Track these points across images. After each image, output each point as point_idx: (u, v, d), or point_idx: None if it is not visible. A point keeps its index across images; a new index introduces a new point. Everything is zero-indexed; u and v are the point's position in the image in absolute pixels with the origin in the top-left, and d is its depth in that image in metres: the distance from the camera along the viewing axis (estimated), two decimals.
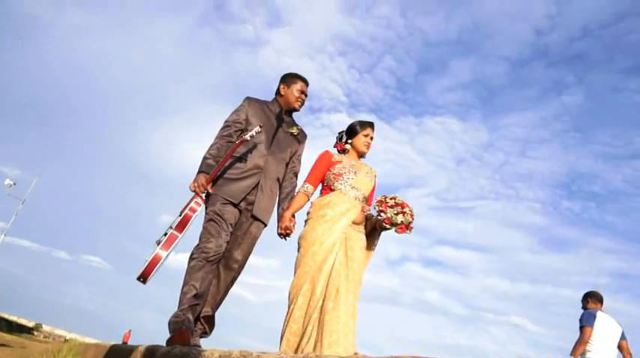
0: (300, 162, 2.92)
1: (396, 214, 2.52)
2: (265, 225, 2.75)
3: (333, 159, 2.75)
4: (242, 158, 2.66)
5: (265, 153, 2.69)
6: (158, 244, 2.52)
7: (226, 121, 2.75)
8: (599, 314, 4.03)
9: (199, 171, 2.61)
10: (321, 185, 2.79)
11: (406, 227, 2.52)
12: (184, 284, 2.47)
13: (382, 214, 2.54)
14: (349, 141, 2.83)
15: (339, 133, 2.91)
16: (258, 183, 2.65)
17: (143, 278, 2.40)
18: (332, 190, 2.69)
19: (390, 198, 2.57)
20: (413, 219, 2.54)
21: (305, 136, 2.95)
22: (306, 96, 2.88)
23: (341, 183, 2.67)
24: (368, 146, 2.81)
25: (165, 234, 2.52)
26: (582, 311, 4.17)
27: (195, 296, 2.44)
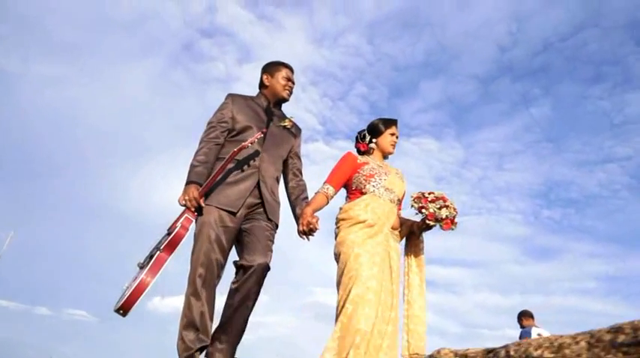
0: (300, 158, 2.61)
1: (439, 209, 2.34)
2: (277, 226, 2.42)
3: (358, 161, 2.53)
4: (234, 159, 2.33)
5: (259, 151, 2.39)
6: (141, 268, 2.15)
7: (210, 122, 2.44)
8: (533, 330, 4.70)
9: (188, 182, 2.28)
10: (345, 190, 2.55)
11: (451, 221, 2.34)
12: (183, 326, 2.14)
13: (424, 211, 2.34)
14: (373, 140, 2.61)
15: (360, 132, 2.68)
16: (257, 184, 2.35)
17: (124, 309, 2.02)
18: (362, 193, 2.45)
19: (429, 193, 2.39)
20: (456, 212, 2.37)
21: (299, 130, 2.64)
22: (293, 83, 2.60)
23: (373, 185, 2.45)
24: (394, 146, 2.61)
25: (152, 257, 2.14)
26: (520, 330, 4.85)
27: (199, 338, 2.14)
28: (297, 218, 2.42)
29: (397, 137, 2.63)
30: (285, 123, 2.55)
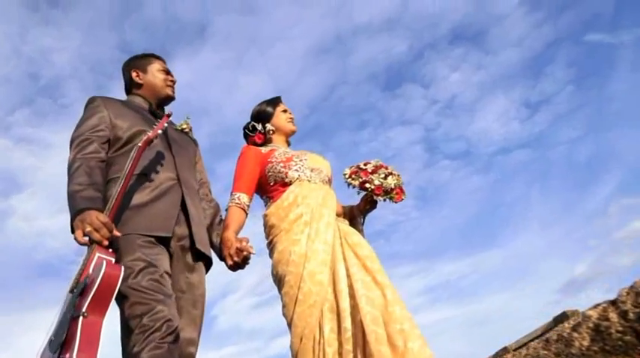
0: (206, 174, 1.99)
1: (385, 178, 1.92)
2: (210, 264, 1.77)
3: (263, 151, 2.02)
4: (142, 170, 1.63)
5: (171, 157, 1.74)
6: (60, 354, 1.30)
7: (78, 136, 1.64)
8: None
9: (79, 211, 1.43)
10: (261, 194, 2.03)
11: (401, 190, 1.95)
12: None
13: (368, 186, 1.92)
14: (267, 125, 2.12)
15: (246, 127, 2.16)
16: (182, 200, 1.66)
17: None
18: (286, 185, 1.94)
19: (364, 164, 1.97)
20: (402, 179, 1.99)
21: (196, 140, 2.03)
22: (173, 76, 1.97)
23: (297, 169, 1.95)
24: (293, 121, 2.17)
25: (65, 332, 1.28)
26: None
27: None
28: (216, 249, 1.80)
29: (291, 113, 2.17)
30: (183, 126, 1.92)
